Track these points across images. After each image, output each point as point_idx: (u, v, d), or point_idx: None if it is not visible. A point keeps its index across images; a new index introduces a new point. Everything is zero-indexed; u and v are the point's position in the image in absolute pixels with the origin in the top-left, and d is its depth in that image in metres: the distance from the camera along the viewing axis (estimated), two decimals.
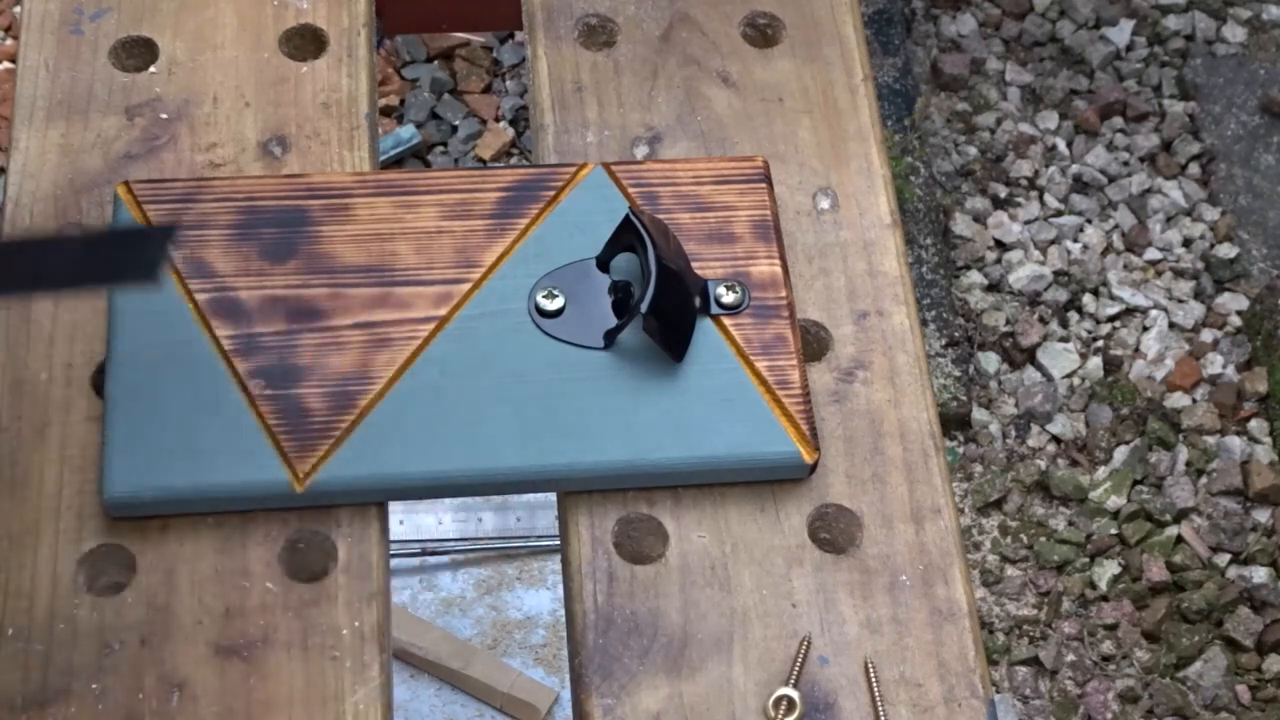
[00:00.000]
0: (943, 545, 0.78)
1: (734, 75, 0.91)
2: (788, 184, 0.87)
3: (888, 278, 0.85)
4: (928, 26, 2.12)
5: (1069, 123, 2.05)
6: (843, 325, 0.84)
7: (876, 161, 0.89)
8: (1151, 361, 1.88)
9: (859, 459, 0.80)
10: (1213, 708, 1.68)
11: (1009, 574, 1.76)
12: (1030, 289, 1.92)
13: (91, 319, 0.81)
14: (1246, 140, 2.03)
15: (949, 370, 1.84)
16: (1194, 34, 2.12)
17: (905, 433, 0.81)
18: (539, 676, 1.66)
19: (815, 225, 0.87)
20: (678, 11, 0.93)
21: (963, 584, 0.78)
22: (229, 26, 0.90)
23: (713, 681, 0.74)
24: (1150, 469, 1.81)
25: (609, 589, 0.76)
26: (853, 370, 0.83)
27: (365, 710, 0.73)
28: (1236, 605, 1.72)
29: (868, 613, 0.76)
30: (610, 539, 0.78)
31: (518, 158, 1.99)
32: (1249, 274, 1.94)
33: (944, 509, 0.79)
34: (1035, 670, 1.71)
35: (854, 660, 0.75)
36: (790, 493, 0.79)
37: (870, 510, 0.79)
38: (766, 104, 0.90)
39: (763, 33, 0.93)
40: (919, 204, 1.92)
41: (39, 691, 0.72)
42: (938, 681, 0.75)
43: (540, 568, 1.72)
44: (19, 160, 0.86)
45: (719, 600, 0.76)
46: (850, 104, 0.91)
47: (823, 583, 0.77)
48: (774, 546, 0.78)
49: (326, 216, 0.83)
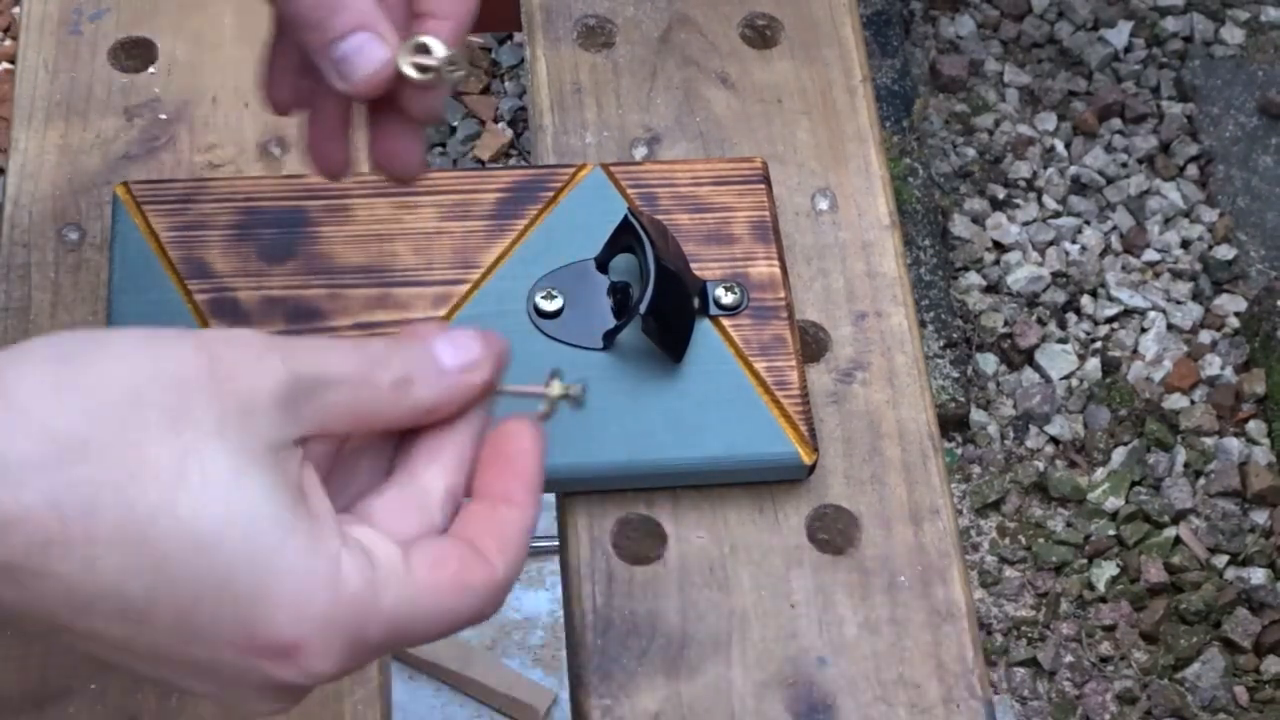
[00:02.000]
0: (941, 546, 0.78)
1: (733, 76, 0.91)
2: (786, 185, 0.88)
3: (886, 279, 0.85)
4: (926, 28, 2.12)
5: (1067, 124, 2.05)
6: (841, 326, 0.84)
7: (875, 163, 0.89)
8: (1150, 363, 1.88)
9: (857, 460, 0.80)
10: (1211, 709, 1.68)
11: (1007, 575, 1.76)
12: (1028, 290, 1.92)
13: (91, 319, 0.81)
14: (1245, 142, 2.03)
15: (947, 371, 1.84)
16: (1192, 35, 2.12)
17: (904, 434, 0.81)
18: (538, 677, 1.66)
19: (814, 226, 0.87)
20: (676, 13, 0.93)
21: (961, 585, 0.78)
22: (228, 27, 0.90)
23: (711, 682, 0.74)
24: (1148, 470, 1.81)
25: (608, 590, 0.76)
26: (851, 371, 0.83)
27: (364, 711, 0.73)
28: (1234, 606, 1.72)
29: (866, 613, 0.76)
30: (609, 539, 0.78)
31: (516, 159, 1.99)
32: (1247, 275, 1.94)
33: (942, 510, 0.79)
34: (1033, 671, 1.71)
35: (853, 661, 0.75)
36: (789, 493, 0.79)
37: (869, 511, 0.79)
38: (765, 105, 0.90)
39: (761, 34, 0.93)
40: (917, 205, 1.93)
41: (38, 691, 0.72)
42: (936, 682, 0.75)
43: (539, 568, 1.72)
44: (18, 161, 0.86)
45: (718, 601, 0.76)
46: (849, 105, 0.91)
47: (821, 583, 0.77)
48: (773, 547, 0.78)
49: (325, 217, 0.83)
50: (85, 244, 0.83)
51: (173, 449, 0.49)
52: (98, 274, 0.82)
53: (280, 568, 0.50)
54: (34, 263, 0.83)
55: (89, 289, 0.82)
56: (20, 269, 0.82)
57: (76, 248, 0.83)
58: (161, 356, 0.50)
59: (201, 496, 0.49)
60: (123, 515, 0.48)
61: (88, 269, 0.83)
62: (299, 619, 0.50)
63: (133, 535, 0.48)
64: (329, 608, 0.50)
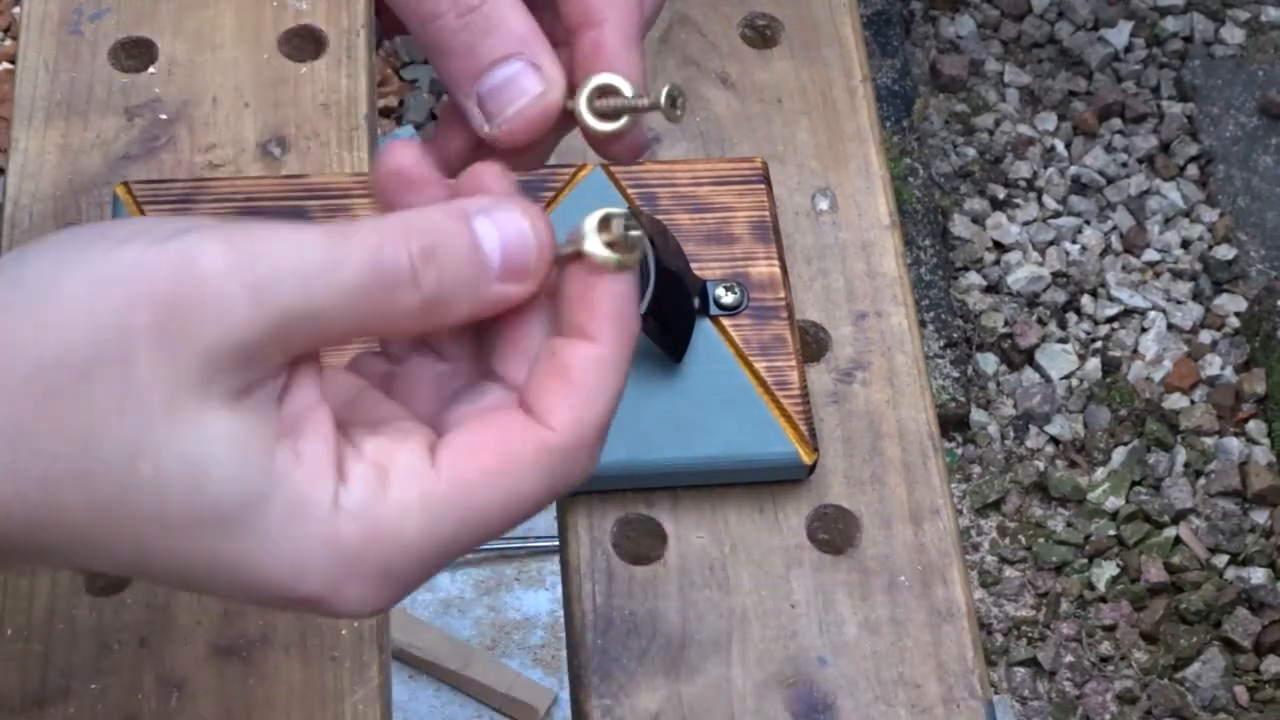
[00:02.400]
0: (941, 546, 0.78)
1: (733, 76, 0.91)
2: (786, 185, 0.87)
3: (886, 279, 0.85)
4: (926, 28, 2.12)
5: (1067, 124, 2.05)
6: (841, 326, 0.84)
7: (875, 162, 0.89)
8: (1150, 363, 1.88)
9: (858, 460, 0.80)
10: (1211, 709, 1.68)
11: (1007, 575, 1.76)
12: (1029, 290, 1.92)
13: None
14: (1245, 141, 2.03)
15: (948, 371, 1.84)
16: (1192, 35, 2.13)
17: (904, 434, 0.81)
18: (538, 677, 1.66)
19: (814, 226, 0.87)
20: (676, 13, 0.93)
21: (961, 585, 0.78)
22: (228, 27, 0.90)
23: (711, 682, 0.74)
24: (1148, 470, 1.81)
25: (608, 589, 0.76)
26: (851, 371, 0.83)
27: (364, 711, 0.73)
28: (1234, 606, 1.72)
29: (866, 613, 0.76)
30: (609, 539, 0.78)
31: None
32: (1247, 275, 1.94)
33: (943, 510, 0.79)
34: (1034, 671, 1.71)
35: (853, 661, 0.75)
36: (789, 493, 0.79)
37: (869, 511, 0.79)
38: (765, 105, 0.90)
39: (761, 34, 0.93)
40: (918, 205, 1.93)
41: (38, 691, 0.72)
42: (936, 682, 0.75)
43: (539, 568, 1.72)
44: (18, 161, 0.86)
45: (718, 601, 0.76)
46: (849, 105, 0.91)
47: (821, 583, 0.77)
48: (773, 547, 0.78)
49: (326, 217, 0.83)
50: None
51: (123, 435, 0.44)
52: None
53: (267, 534, 0.45)
54: None
55: None
56: None
57: None
58: (103, 315, 0.44)
59: (160, 484, 0.44)
60: (86, 500, 0.44)
61: None
62: (303, 579, 0.46)
63: (107, 519, 0.44)
64: (333, 560, 0.46)
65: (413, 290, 0.46)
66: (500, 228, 0.48)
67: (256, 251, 0.44)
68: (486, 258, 0.47)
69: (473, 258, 0.47)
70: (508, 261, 0.48)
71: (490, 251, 0.47)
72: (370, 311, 0.45)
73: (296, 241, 0.45)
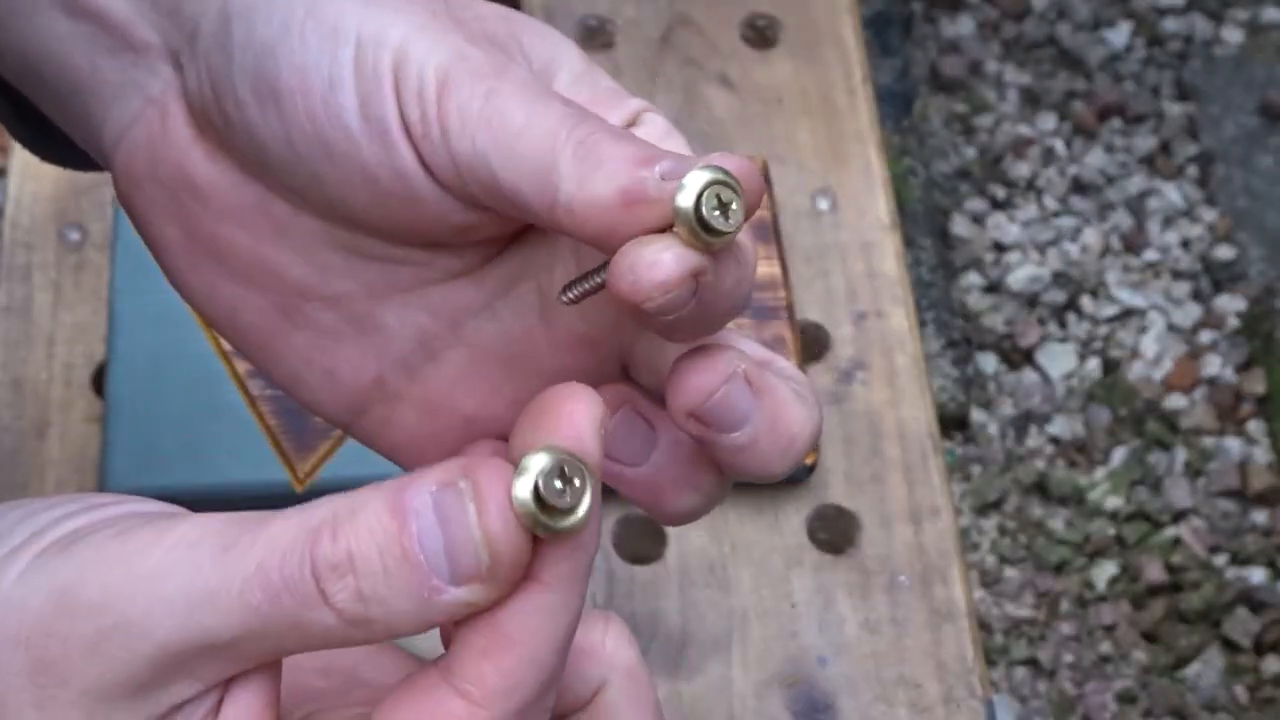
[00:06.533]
0: (941, 546, 0.78)
1: (733, 77, 0.91)
2: (787, 185, 0.88)
3: (887, 279, 0.85)
4: (926, 28, 2.12)
5: (1067, 124, 2.05)
6: (841, 326, 0.84)
7: (875, 163, 0.89)
8: (1150, 362, 1.88)
9: (858, 460, 0.80)
10: (1211, 708, 1.68)
11: (1007, 574, 1.76)
12: (1029, 290, 1.92)
13: (91, 319, 0.81)
14: (1245, 142, 2.03)
15: (947, 371, 1.84)
16: (1192, 35, 2.13)
17: (904, 433, 0.81)
18: None
19: (814, 226, 0.87)
20: (677, 13, 0.93)
21: (961, 584, 0.78)
22: None
23: (712, 682, 0.74)
24: (1148, 470, 1.81)
25: (608, 589, 0.77)
26: (851, 371, 0.83)
27: None
28: (1234, 606, 1.72)
29: (866, 613, 0.77)
30: (609, 539, 0.78)
31: None
32: (1247, 275, 1.95)
33: (942, 509, 0.79)
34: (1033, 671, 1.71)
35: (853, 660, 0.75)
36: (789, 493, 0.79)
37: (869, 511, 0.79)
38: (765, 105, 0.90)
39: (762, 34, 0.93)
40: (918, 205, 1.93)
41: None
42: (936, 682, 0.75)
43: None
44: (20, 160, 0.86)
45: (718, 601, 0.76)
46: (849, 105, 0.91)
47: (821, 583, 0.77)
48: (773, 547, 0.78)
49: None
50: (87, 244, 0.83)
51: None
52: (99, 274, 0.82)
53: None
54: (35, 263, 0.83)
55: (90, 289, 0.82)
56: (21, 269, 0.83)
57: (78, 248, 0.83)
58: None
59: None
60: None
61: (89, 269, 0.83)
62: None
63: None
64: None
65: (324, 609, 0.38)
66: (445, 520, 0.38)
67: (137, 576, 0.39)
68: (426, 562, 0.38)
69: (402, 566, 0.38)
70: (457, 564, 0.38)
71: (433, 553, 0.38)
72: (279, 633, 0.39)
73: (190, 564, 0.39)
